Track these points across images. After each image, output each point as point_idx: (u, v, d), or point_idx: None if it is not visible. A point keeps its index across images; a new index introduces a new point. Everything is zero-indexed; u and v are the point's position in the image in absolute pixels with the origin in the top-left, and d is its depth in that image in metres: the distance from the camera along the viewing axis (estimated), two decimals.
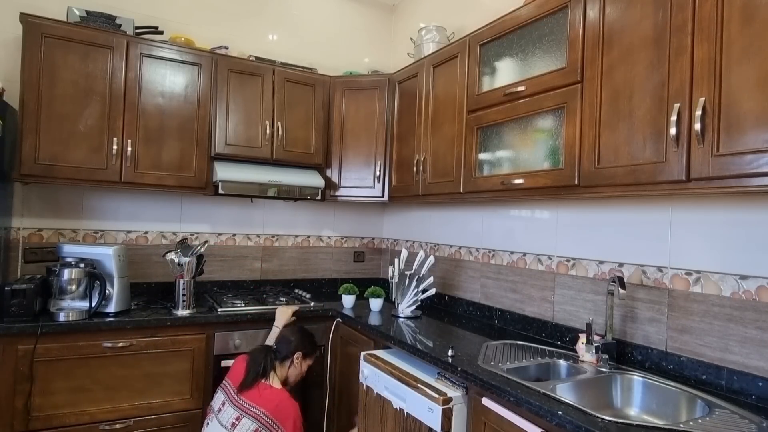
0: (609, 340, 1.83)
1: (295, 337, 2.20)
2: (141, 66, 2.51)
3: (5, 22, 2.51)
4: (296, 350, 2.15)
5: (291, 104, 2.93)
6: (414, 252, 3.15)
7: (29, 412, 2.07)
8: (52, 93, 2.31)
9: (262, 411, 1.94)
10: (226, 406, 2.01)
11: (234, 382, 2.08)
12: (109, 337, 2.21)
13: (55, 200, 2.64)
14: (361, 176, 3.06)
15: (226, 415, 1.98)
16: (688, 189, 1.39)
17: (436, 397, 1.68)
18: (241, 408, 1.97)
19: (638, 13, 1.53)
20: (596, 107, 1.65)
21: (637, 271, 1.85)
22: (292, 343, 2.17)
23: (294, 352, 2.14)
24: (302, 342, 2.19)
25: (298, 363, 2.15)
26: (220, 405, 2.05)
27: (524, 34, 2.01)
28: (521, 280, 2.39)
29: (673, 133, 1.39)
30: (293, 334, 2.22)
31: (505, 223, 2.52)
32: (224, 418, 1.98)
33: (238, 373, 2.10)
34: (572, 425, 1.27)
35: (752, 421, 1.30)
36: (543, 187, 1.87)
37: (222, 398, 2.07)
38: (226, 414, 1.99)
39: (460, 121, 2.34)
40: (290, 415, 1.97)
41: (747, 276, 1.52)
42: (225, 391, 2.08)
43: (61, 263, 2.28)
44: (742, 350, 1.52)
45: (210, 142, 2.71)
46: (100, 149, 2.42)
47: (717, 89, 1.30)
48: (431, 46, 2.82)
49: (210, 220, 3.06)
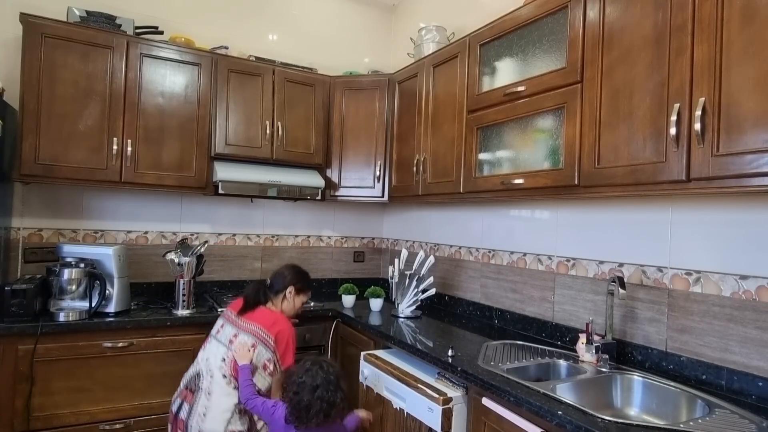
0: (609, 340, 1.83)
1: (289, 273, 2.18)
2: (141, 66, 2.51)
3: (5, 22, 2.51)
4: (290, 284, 2.13)
5: (291, 104, 2.93)
6: (414, 252, 3.15)
7: (29, 411, 2.07)
8: (52, 93, 2.31)
9: (259, 327, 1.95)
10: (225, 327, 2.02)
11: (234, 310, 2.12)
12: (109, 337, 2.21)
13: (55, 200, 2.64)
14: (361, 176, 3.06)
15: (225, 334, 1.99)
16: (688, 189, 1.39)
17: (436, 397, 1.68)
18: (238, 326, 1.97)
19: (638, 13, 1.53)
20: (596, 107, 1.65)
21: (637, 271, 1.85)
22: (286, 278, 2.15)
23: (287, 287, 2.12)
24: (296, 277, 2.17)
25: (291, 297, 2.12)
26: (219, 328, 2.06)
27: (524, 34, 2.01)
28: (521, 280, 2.39)
29: (673, 133, 1.39)
30: (288, 270, 2.20)
31: (505, 223, 2.52)
32: (222, 336, 1.99)
33: (238, 304, 2.12)
34: (572, 425, 1.27)
35: (752, 421, 1.30)
36: (543, 187, 1.87)
37: (221, 322, 2.09)
38: (224, 333, 2.00)
39: (460, 121, 2.34)
40: (285, 334, 1.97)
41: (747, 276, 1.52)
42: (224, 317, 2.10)
43: (61, 263, 2.28)
44: (742, 350, 1.52)
45: (210, 142, 2.71)
46: (100, 149, 2.42)
47: (717, 89, 1.30)
48: (431, 46, 2.82)
49: (210, 220, 3.06)
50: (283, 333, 1.96)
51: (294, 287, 2.13)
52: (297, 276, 2.18)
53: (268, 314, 2.01)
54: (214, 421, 1.80)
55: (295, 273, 2.19)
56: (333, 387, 1.71)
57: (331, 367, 1.77)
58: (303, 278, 2.20)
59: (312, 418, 1.67)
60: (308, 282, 2.22)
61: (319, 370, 1.72)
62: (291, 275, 2.17)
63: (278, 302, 2.12)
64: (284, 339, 1.95)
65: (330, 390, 1.70)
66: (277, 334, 1.94)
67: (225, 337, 1.98)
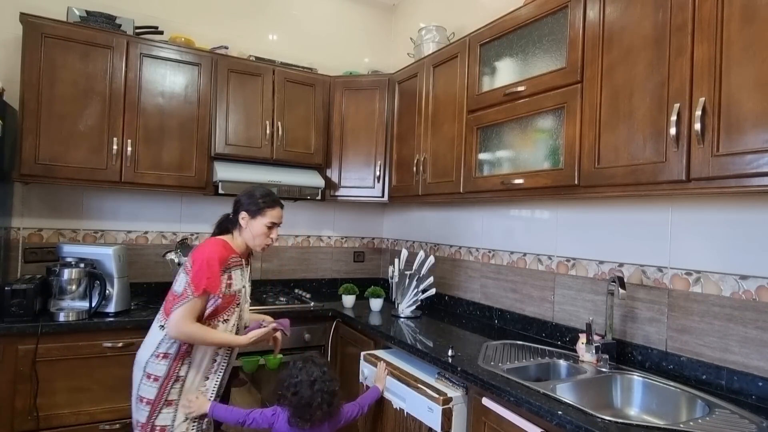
0: (609, 340, 1.83)
1: (240, 196, 1.87)
2: (141, 66, 2.51)
3: (5, 22, 2.51)
4: (240, 209, 1.84)
5: (291, 104, 2.93)
6: (414, 252, 3.15)
7: (29, 411, 2.07)
8: (52, 93, 2.31)
9: (190, 257, 1.77)
10: None
11: None
12: (109, 337, 2.21)
13: (55, 200, 2.64)
14: (361, 176, 3.06)
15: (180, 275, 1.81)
16: (688, 189, 1.39)
17: (436, 397, 1.68)
18: None
19: (638, 13, 1.53)
20: (596, 107, 1.65)
21: (637, 271, 1.85)
22: (236, 204, 1.87)
23: (239, 213, 1.84)
24: (245, 199, 1.84)
25: (246, 224, 1.82)
26: None
27: (524, 34, 2.01)
28: (521, 280, 2.39)
29: (673, 133, 1.39)
30: (240, 194, 1.89)
31: (505, 223, 2.52)
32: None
33: None
34: (572, 425, 1.27)
35: (752, 421, 1.30)
36: (543, 187, 1.87)
37: None
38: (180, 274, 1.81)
39: (460, 121, 2.34)
40: (200, 255, 1.72)
41: (747, 276, 1.52)
42: None
43: (61, 263, 2.28)
44: (742, 350, 1.52)
45: (210, 142, 2.71)
46: (100, 149, 2.42)
47: (717, 89, 1.30)
48: (431, 46, 2.82)
49: (210, 220, 3.03)
50: (198, 254, 1.73)
51: (246, 212, 1.83)
52: (246, 197, 1.85)
53: (208, 241, 1.81)
54: (145, 348, 1.79)
55: (244, 194, 1.87)
56: (329, 378, 1.72)
57: (322, 359, 1.78)
58: (252, 197, 1.84)
59: (316, 411, 1.66)
60: (261, 200, 1.84)
61: (312, 366, 1.72)
62: (241, 199, 1.87)
63: (238, 234, 1.87)
64: (198, 260, 1.71)
65: (327, 381, 1.70)
66: (193, 255, 1.75)
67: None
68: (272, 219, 1.84)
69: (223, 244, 1.81)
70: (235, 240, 1.87)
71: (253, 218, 1.83)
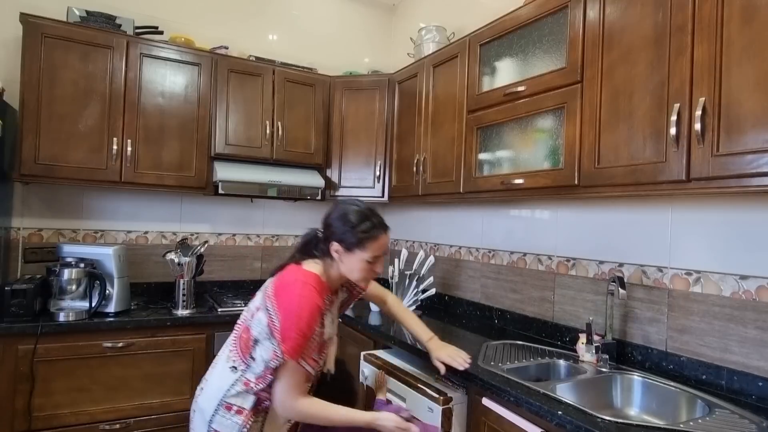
0: (609, 340, 1.83)
1: (332, 216, 1.45)
2: (141, 66, 2.51)
3: (5, 22, 2.51)
4: (331, 238, 1.42)
5: (291, 104, 2.93)
6: (414, 252, 3.14)
7: (29, 412, 2.07)
8: (52, 93, 2.31)
9: (271, 289, 1.40)
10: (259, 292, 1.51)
11: None
12: (109, 337, 2.21)
13: (55, 200, 2.64)
14: (361, 176, 3.06)
15: (254, 301, 1.49)
16: (688, 189, 1.39)
17: (437, 397, 1.67)
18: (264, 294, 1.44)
19: (638, 13, 1.53)
20: (596, 107, 1.65)
21: (637, 271, 1.85)
22: (327, 227, 1.45)
23: (329, 241, 1.43)
24: (340, 223, 1.42)
25: (339, 257, 1.42)
26: None
27: (524, 34, 2.01)
28: (521, 280, 2.39)
29: (673, 133, 1.39)
30: (333, 211, 1.46)
31: (505, 223, 2.52)
32: (251, 303, 1.51)
33: None
34: (572, 425, 1.27)
35: (752, 421, 1.30)
36: (543, 187, 1.86)
37: None
38: (254, 299, 1.49)
39: (460, 121, 2.34)
40: (294, 301, 1.33)
41: (747, 276, 1.52)
42: None
43: (61, 263, 2.28)
44: (742, 350, 1.52)
45: (210, 142, 2.71)
46: (100, 149, 2.42)
47: (717, 89, 1.30)
48: (431, 46, 2.82)
49: (210, 220, 3.06)
50: (288, 302, 1.33)
51: (340, 244, 1.42)
52: (340, 222, 1.42)
53: (294, 271, 1.41)
54: (209, 394, 1.44)
55: (337, 216, 1.43)
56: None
57: None
58: (347, 223, 1.41)
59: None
60: (361, 230, 1.41)
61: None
62: (332, 222, 1.44)
63: (328, 262, 1.46)
64: (289, 314, 1.32)
65: None
66: (279, 298, 1.35)
67: (252, 304, 1.49)
68: (375, 252, 1.43)
69: (317, 284, 1.38)
70: (328, 271, 1.47)
71: (349, 251, 1.42)
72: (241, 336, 1.45)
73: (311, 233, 1.52)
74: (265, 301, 1.40)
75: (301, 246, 1.52)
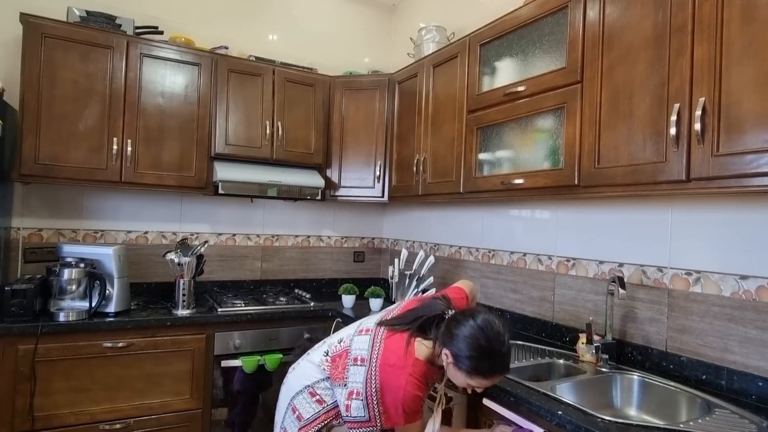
0: (609, 340, 1.83)
1: (461, 328, 1.34)
2: (141, 66, 2.51)
3: (5, 22, 2.51)
4: (446, 346, 1.35)
5: (291, 104, 2.93)
6: (414, 252, 3.15)
7: (29, 412, 2.07)
8: (52, 93, 2.31)
9: (379, 358, 1.40)
10: (364, 334, 1.50)
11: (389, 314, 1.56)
12: (109, 337, 2.21)
13: (55, 200, 2.64)
14: (361, 176, 3.06)
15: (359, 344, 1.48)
16: (688, 189, 1.39)
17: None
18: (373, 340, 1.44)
19: (638, 13, 1.53)
20: (596, 107, 1.65)
21: (637, 271, 1.85)
22: (451, 333, 1.35)
23: (444, 345, 1.36)
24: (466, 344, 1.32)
25: (446, 364, 1.38)
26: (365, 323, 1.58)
27: (524, 34, 2.01)
28: (521, 280, 2.39)
29: (673, 133, 1.39)
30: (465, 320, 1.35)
31: (505, 223, 2.52)
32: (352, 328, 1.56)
33: (406, 308, 1.54)
34: (572, 425, 1.27)
35: (752, 421, 1.30)
36: (543, 187, 1.86)
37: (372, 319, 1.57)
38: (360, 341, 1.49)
39: (460, 121, 2.34)
40: (400, 389, 1.33)
41: (747, 276, 1.52)
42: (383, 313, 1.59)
43: (61, 263, 2.28)
44: (742, 350, 1.52)
45: (210, 142, 2.71)
46: (100, 149, 2.42)
47: (717, 89, 1.30)
48: (431, 46, 2.82)
49: (210, 220, 3.06)
50: (392, 387, 1.36)
51: (452, 354, 1.35)
52: (466, 343, 1.32)
53: (404, 355, 1.38)
54: (299, 374, 1.59)
55: (468, 337, 1.32)
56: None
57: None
58: (466, 345, 1.32)
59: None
60: (474, 364, 1.32)
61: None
62: (459, 335, 1.33)
63: (437, 351, 1.40)
64: (393, 401, 1.36)
65: None
66: (382, 372, 1.38)
67: (351, 330, 1.57)
68: (480, 385, 1.39)
69: (422, 377, 1.37)
70: (435, 358, 1.43)
71: (457, 368, 1.35)
72: (341, 356, 1.52)
73: (436, 310, 1.44)
74: (371, 363, 1.42)
75: (421, 321, 1.44)
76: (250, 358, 2.48)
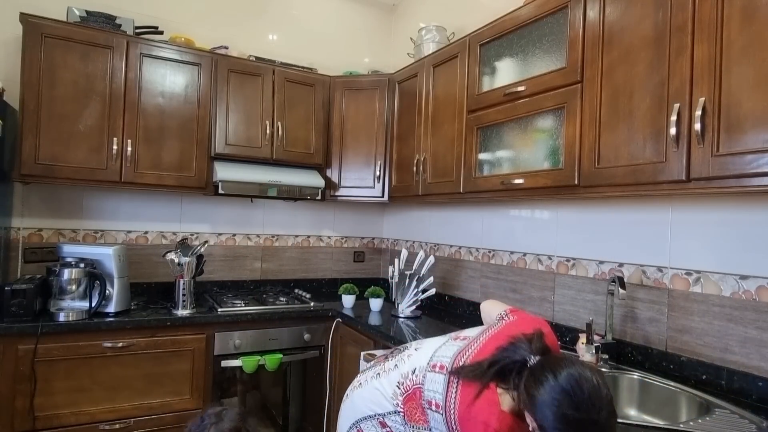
0: (609, 340, 1.83)
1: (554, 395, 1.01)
2: (141, 66, 2.51)
3: (5, 22, 2.51)
4: (528, 407, 1.07)
5: (291, 104, 2.93)
6: (414, 252, 3.15)
7: (29, 412, 2.07)
8: (52, 93, 2.31)
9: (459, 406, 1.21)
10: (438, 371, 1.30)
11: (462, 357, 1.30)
12: (109, 337, 2.21)
13: (55, 200, 2.64)
14: (361, 176, 3.06)
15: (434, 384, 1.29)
16: (688, 189, 1.39)
17: None
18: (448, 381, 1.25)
19: (638, 13, 1.53)
20: (596, 107, 1.65)
21: (637, 271, 1.85)
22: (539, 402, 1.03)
23: (528, 407, 1.07)
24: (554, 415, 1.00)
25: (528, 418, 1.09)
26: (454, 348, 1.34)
27: (524, 34, 2.01)
28: (521, 280, 2.39)
29: (673, 133, 1.39)
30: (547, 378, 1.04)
31: (505, 223, 2.52)
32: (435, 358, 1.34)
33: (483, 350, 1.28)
34: None
35: (752, 421, 1.30)
36: (543, 187, 1.86)
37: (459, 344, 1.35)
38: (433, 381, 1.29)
39: (460, 121, 2.34)
40: None
41: (747, 276, 1.52)
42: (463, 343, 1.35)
43: (61, 263, 2.28)
44: (742, 350, 1.52)
45: (210, 142, 2.71)
46: (100, 149, 2.42)
47: (717, 89, 1.30)
48: (431, 46, 2.82)
49: (210, 220, 3.06)
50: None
51: (536, 422, 1.06)
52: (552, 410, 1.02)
53: (488, 407, 1.16)
54: (366, 397, 1.45)
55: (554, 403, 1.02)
56: None
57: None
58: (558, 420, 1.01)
59: None
60: None
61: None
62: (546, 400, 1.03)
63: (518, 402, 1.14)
64: None
65: None
66: (461, 423, 1.20)
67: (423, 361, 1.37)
68: None
69: (512, 426, 1.15)
70: (517, 410, 1.19)
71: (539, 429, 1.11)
72: (414, 395, 1.34)
73: (519, 359, 1.17)
74: (447, 411, 1.24)
75: (501, 367, 1.20)
76: (250, 358, 2.48)
